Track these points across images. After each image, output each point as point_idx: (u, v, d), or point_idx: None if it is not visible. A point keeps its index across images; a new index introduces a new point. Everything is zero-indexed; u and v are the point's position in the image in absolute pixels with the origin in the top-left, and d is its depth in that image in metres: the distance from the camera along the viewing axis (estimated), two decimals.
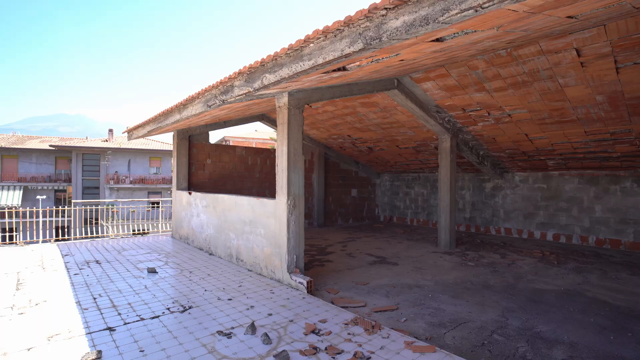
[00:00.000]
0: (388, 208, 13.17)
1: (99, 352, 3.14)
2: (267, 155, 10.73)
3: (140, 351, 3.19)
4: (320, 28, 3.21)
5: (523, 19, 2.87)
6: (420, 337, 3.58)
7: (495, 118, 6.89)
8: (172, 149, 32.78)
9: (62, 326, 3.71)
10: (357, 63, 3.90)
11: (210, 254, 7.23)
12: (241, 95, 4.53)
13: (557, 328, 3.85)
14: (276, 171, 5.36)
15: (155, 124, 7.75)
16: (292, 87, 4.84)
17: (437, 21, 2.49)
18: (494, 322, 3.98)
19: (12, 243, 8.79)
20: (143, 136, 8.97)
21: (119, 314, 4.06)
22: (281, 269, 5.27)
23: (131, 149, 32.70)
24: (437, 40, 3.24)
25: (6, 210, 9.76)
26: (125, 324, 3.79)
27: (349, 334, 3.57)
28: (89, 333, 3.55)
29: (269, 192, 10.53)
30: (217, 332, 3.59)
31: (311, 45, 3.43)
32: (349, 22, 2.94)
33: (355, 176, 12.72)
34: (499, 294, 4.96)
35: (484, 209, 10.41)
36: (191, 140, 9.07)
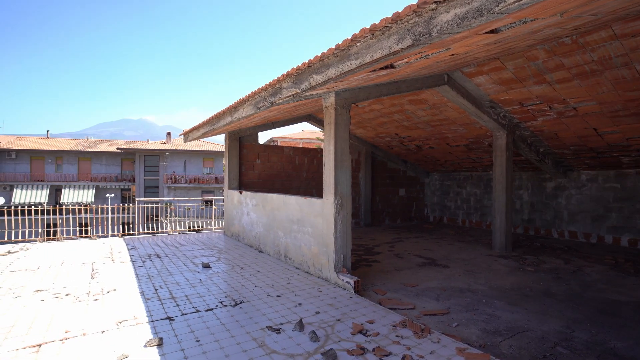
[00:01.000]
0: (438, 208, 12.71)
1: (161, 339, 3.38)
2: (314, 155, 10.84)
3: (197, 341, 3.39)
4: (368, 26, 3.18)
5: (592, 1, 2.62)
6: (473, 344, 3.42)
7: (558, 112, 6.37)
8: (223, 150, 34.32)
9: (128, 313, 4.04)
10: (405, 60, 3.81)
11: (260, 251, 7.47)
12: (289, 96, 4.63)
13: (635, 345, 3.46)
14: (323, 171, 5.40)
15: (208, 126, 8.17)
16: (338, 86, 4.85)
17: (491, 12, 2.35)
18: (557, 334, 3.68)
19: (87, 236, 9.75)
20: (197, 138, 9.49)
21: (177, 305, 4.34)
22: (328, 268, 5.31)
23: (186, 150, 34.77)
24: (492, 31, 3.06)
25: (82, 207, 10.85)
26: (182, 314, 4.04)
27: (397, 336, 3.50)
28: (151, 321, 3.83)
29: (316, 191, 10.64)
30: (267, 327, 3.70)
31: (358, 44, 3.41)
32: (397, 18, 2.88)
33: (403, 175, 12.44)
34: (563, 303, 4.58)
35: (545, 210, 9.66)
36: (241, 141, 9.43)
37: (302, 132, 41.86)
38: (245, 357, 3.09)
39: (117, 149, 35.31)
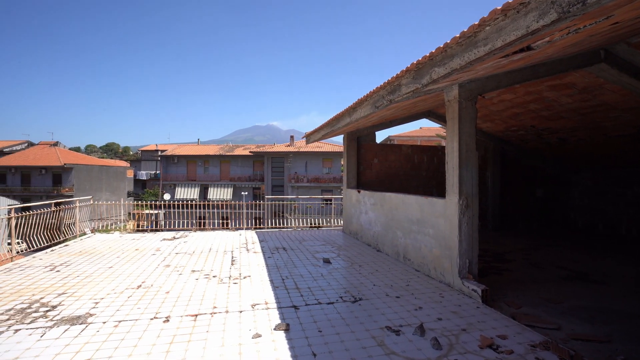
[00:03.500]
0: (589, 212, 10.59)
1: (287, 325, 3.69)
2: (433, 153, 10.30)
3: (319, 331, 3.58)
4: (499, 7, 2.84)
5: None
6: None
7: None
8: (342, 150, 35.47)
9: (260, 298, 4.53)
10: (547, 39, 3.27)
11: (378, 251, 7.46)
12: (409, 93, 4.48)
13: None
14: (446, 169, 5.07)
15: (328, 127, 8.55)
16: (463, 78, 4.48)
17: None
18: None
19: (227, 228, 11.33)
20: (318, 140, 10.03)
21: (301, 295, 4.66)
22: (451, 273, 4.96)
23: (307, 152, 37.17)
24: None
25: (223, 203, 12.70)
26: (306, 305, 4.32)
27: (537, 358, 3.04)
28: (279, 307, 4.21)
29: (437, 191, 10.08)
30: (386, 327, 3.67)
31: (487, 28, 3.08)
32: None
33: (540, 173, 10.77)
34: None
35: None
36: (359, 141, 9.59)
37: (420, 130, 40.25)
38: (364, 354, 3.12)
39: (250, 152, 40.13)
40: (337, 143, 38.32)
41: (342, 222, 10.61)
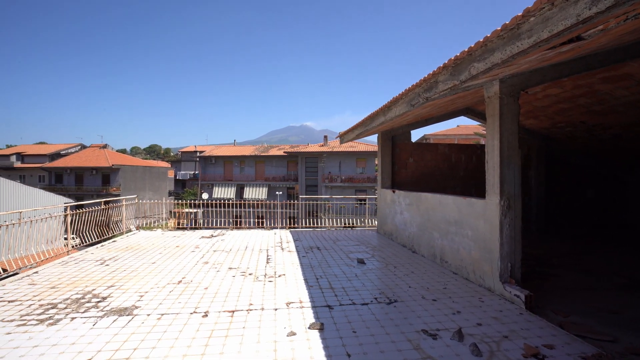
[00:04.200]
0: None
1: (322, 324, 3.69)
2: (472, 151, 9.92)
3: (353, 332, 3.55)
4: None
5: None
6: None
7: None
8: (375, 150, 35.09)
9: (295, 296, 4.57)
10: (600, 27, 3.04)
11: (413, 252, 7.30)
12: (446, 90, 4.34)
13: None
14: (486, 168, 4.87)
15: (362, 127, 8.48)
16: (504, 72, 4.28)
17: None
18: None
19: (262, 227, 11.55)
20: (352, 139, 9.97)
21: (336, 295, 4.65)
22: (492, 277, 4.75)
23: (341, 152, 37.11)
24: None
25: (258, 203, 12.97)
26: (340, 305, 4.31)
27: None
28: (314, 306, 4.23)
29: (475, 191, 9.70)
30: (422, 330, 3.57)
31: (532, 19, 2.91)
32: None
33: (590, 173, 10.05)
34: None
35: None
36: (394, 140, 9.43)
37: (458, 128, 38.93)
38: (400, 357, 3.06)
39: (284, 152, 40.70)
40: (371, 142, 37.98)
41: (376, 222, 10.49)
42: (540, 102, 7.53)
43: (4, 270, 5.75)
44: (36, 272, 5.72)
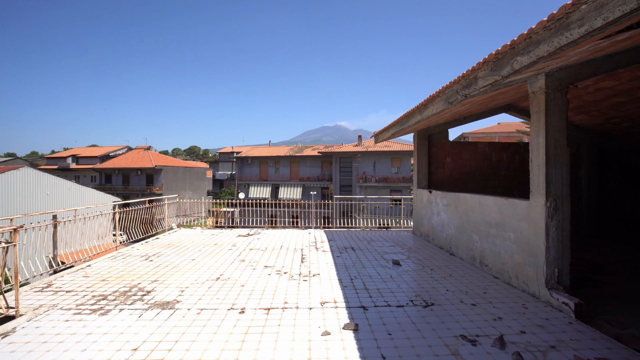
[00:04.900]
0: None
1: (356, 325, 3.66)
2: (514, 150, 9.44)
3: (388, 334, 3.49)
4: None
5: None
6: None
7: None
8: (411, 149, 34.36)
9: (329, 296, 4.58)
10: None
11: (451, 254, 7.07)
12: (486, 86, 4.16)
13: None
14: (530, 167, 4.61)
15: (398, 126, 8.33)
16: (550, 66, 4.03)
17: None
18: None
19: (297, 226, 11.67)
20: (387, 139, 9.82)
21: (370, 296, 4.60)
22: (537, 282, 4.49)
23: (376, 151, 36.69)
24: None
25: (293, 202, 13.11)
26: (375, 306, 4.25)
27: None
28: (348, 307, 4.21)
29: (518, 191, 9.22)
30: (460, 335, 3.45)
31: (583, 6, 2.72)
32: None
33: None
34: None
35: None
36: (430, 139, 9.18)
37: (498, 126, 37.24)
38: None
39: (318, 152, 40.87)
40: (406, 142, 37.20)
41: (411, 223, 10.26)
42: (592, 96, 7.02)
43: (62, 262, 6.24)
44: (89, 266, 6.15)
